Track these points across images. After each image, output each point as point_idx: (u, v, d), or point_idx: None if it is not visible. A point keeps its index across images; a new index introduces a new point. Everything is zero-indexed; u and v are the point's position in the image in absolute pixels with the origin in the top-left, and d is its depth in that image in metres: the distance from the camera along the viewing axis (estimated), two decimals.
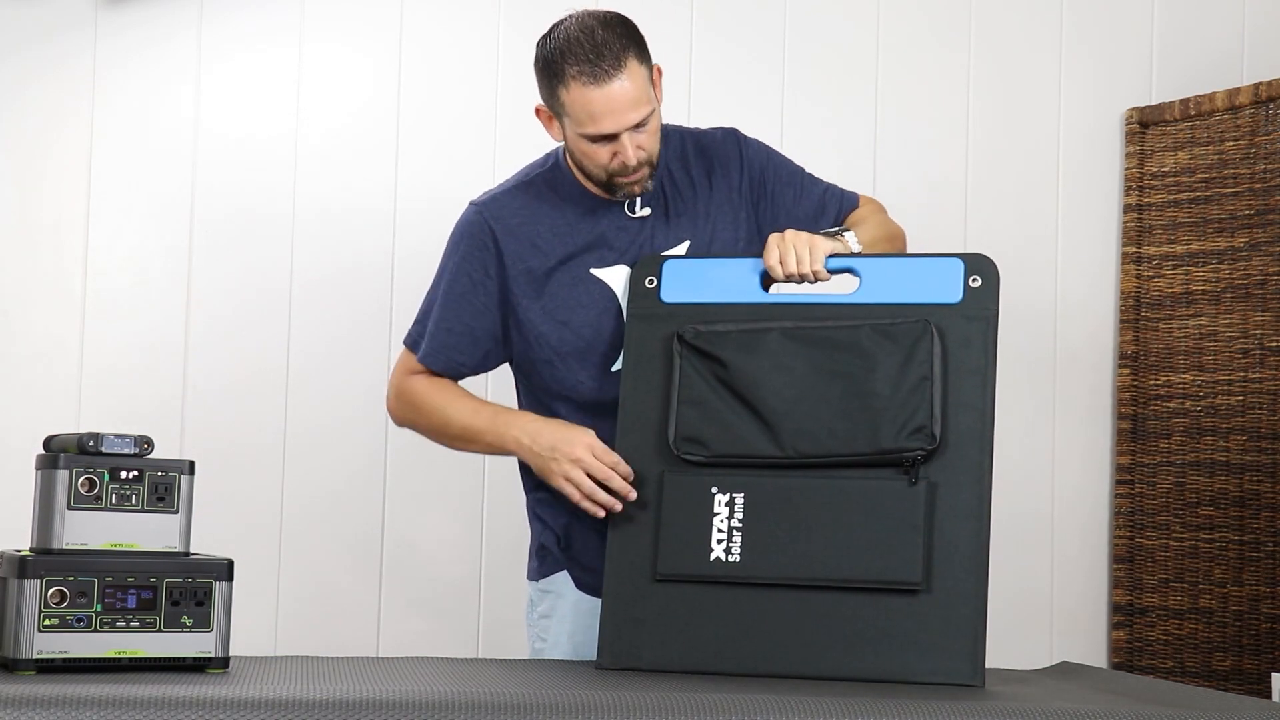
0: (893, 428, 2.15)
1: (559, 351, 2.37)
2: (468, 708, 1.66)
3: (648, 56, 2.29)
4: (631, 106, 2.25)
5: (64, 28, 3.16)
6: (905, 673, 2.07)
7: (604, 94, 2.23)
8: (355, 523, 3.23)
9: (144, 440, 1.94)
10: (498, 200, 2.41)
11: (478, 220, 2.40)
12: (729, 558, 2.17)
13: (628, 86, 2.24)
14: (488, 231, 2.38)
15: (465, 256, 2.39)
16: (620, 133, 2.26)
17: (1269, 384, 3.28)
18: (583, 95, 2.23)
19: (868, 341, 2.20)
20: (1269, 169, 3.31)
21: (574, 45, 2.23)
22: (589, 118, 2.25)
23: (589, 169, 2.34)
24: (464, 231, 2.41)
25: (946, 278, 2.25)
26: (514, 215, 2.38)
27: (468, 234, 2.40)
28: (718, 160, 2.46)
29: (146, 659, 1.86)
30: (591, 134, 2.27)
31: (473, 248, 2.38)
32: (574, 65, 2.23)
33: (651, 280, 2.33)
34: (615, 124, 2.25)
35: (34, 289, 3.14)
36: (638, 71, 2.25)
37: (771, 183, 2.48)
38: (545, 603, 2.46)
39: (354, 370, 3.23)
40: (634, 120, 2.26)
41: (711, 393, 2.24)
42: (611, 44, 2.23)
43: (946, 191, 3.50)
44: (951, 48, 3.51)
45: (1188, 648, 3.37)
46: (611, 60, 2.22)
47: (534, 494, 2.47)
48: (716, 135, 2.49)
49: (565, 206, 2.39)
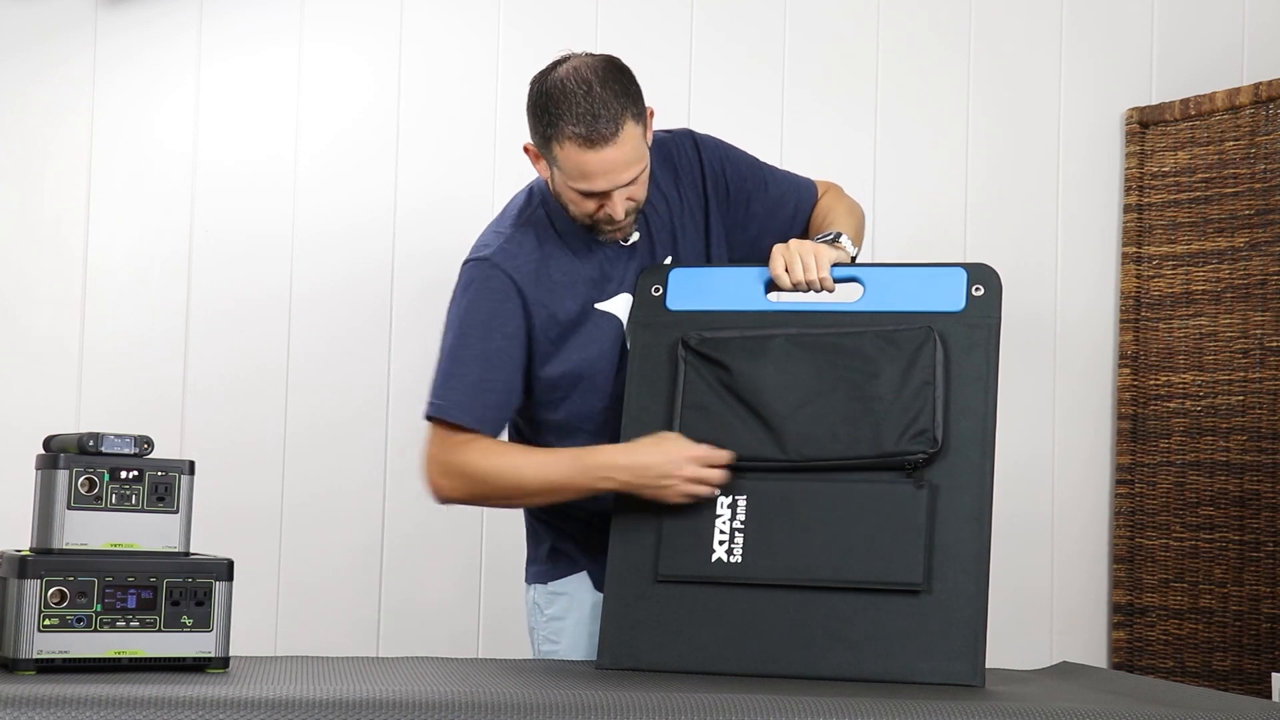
0: (895, 431, 2.16)
1: (576, 384, 2.36)
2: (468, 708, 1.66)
3: (642, 108, 2.26)
4: (624, 169, 2.23)
5: (64, 28, 3.16)
6: (906, 673, 2.07)
7: (599, 158, 2.20)
8: (355, 523, 3.23)
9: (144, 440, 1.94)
10: (506, 250, 2.33)
11: (496, 275, 2.31)
12: (730, 559, 2.17)
13: (624, 149, 2.21)
14: (510, 284, 2.31)
15: (492, 314, 2.30)
16: (610, 190, 2.25)
17: (1269, 384, 3.28)
18: (577, 156, 2.21)
19: (870, 347, 2.21)
20: (1269, 169, 3.31)
21: (571, 102, 2.19)
22: (581, 176, 2.23)
23: (574, 214, 2.32)
24: (482, 288, 2.31)
25: (949, 286, 2.26)
26: (528, 262, 2.33)
27: (486, 290, 2.31)
28: (680, 167, 2.45)
29: (146, 659, 1.86)
30: (583, 190, 2.25)
31: (497, 303, 2.30)
32: (570, 124, 2.19)
33: (657, 288, 2.34)
34: (608, 184, 2.24)
35: (34, 288, 3.14)
36: (633, 132, 2.22)
37: (733, 181, 2.48)
38: (557, 605, 2.45)
39: (354, 370, 3.23)
40: (626, 180, 2.24)
41: (715, 398, 2.24)
42: (609, 105, 2.19)
43: (946, 191, 3.50)
44: (951, 48, 3.51)
45: (1188, 648, 3.37)
46: (608, 123, 2.19)
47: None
48: (674, 139, 2.47)
49: (566, 243, 2.36)
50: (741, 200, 2.49)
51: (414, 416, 3.21)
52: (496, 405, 2.31)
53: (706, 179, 2.46)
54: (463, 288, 2.34)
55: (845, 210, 2.52)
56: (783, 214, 2.51)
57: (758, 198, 2.50)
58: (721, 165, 2.48)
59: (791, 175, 2.57)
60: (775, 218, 2.50)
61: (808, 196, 2.55)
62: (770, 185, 2.52)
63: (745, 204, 2.50)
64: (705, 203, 2.46)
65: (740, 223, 2.49)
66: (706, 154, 2.47)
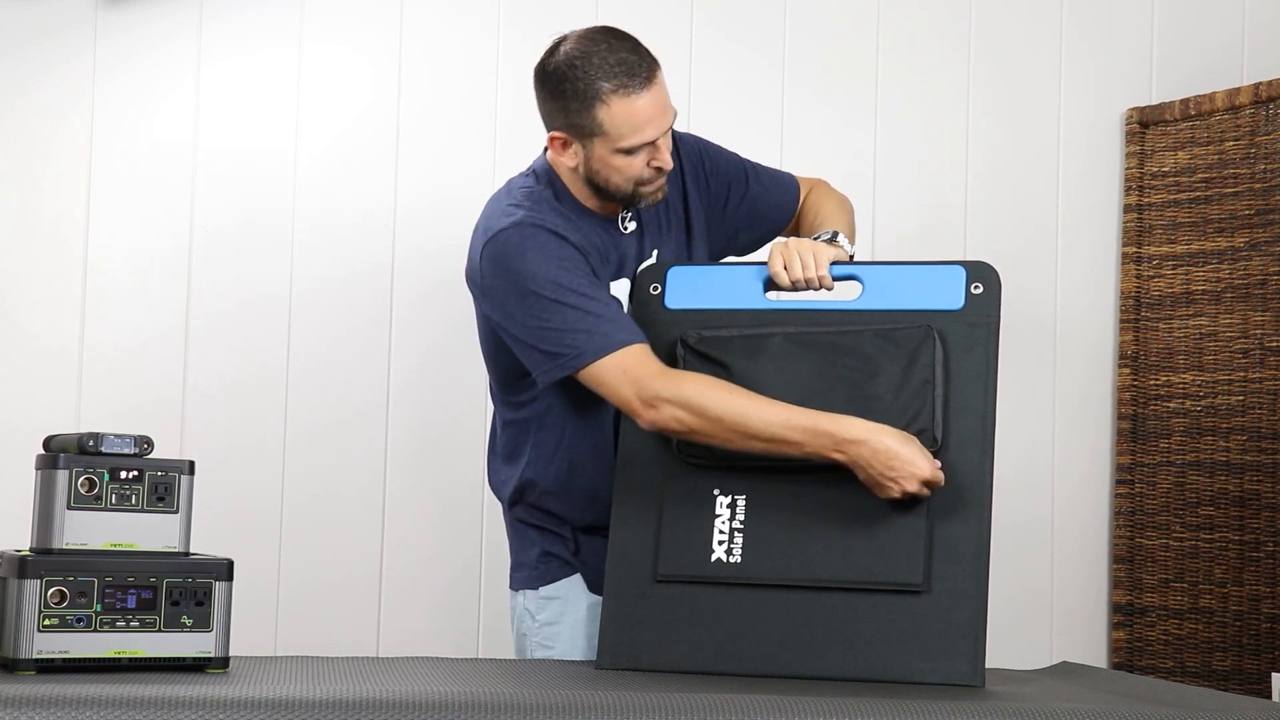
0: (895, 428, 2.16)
1: None
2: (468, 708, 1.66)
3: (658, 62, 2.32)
4: (666, 108, 2.29)
5: (64, 28, 3.16)
6: (905, 673, 2.08)
7: (646, 102, 2.25)
8: (355, 523, 3.23)
9: (144, 440, 1.94)
10: (534, 213, 2.30)
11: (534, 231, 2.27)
12: (730, 559, 2.17)
13: (660, 90, 2.28)
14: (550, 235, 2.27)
15: (559, 256, 2.25)
16: (658, 138, 2.28)
17: (1269, 384, 3.28)
18: (627, 108, 2.24)
19: (870, 346, 2.21)
20: (1269, 169, 3.31)
21: (601, 63, 2.23)
22: (633, 129, 2.26)
23: (616, 184, 2.31)
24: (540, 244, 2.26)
25: (948, 284, 2.26)
26: (554, 224, 2.30)
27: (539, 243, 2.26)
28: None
29: (146, 659, 1.86)
30: (633, 145, 2.27)
31: (557, 244, 2.26)
32: (610, 81, 2.23)
33: (656, 287, 2.34)
34: (657, 129, 2.28)
35: (34, 288, 3.13)
36: (661, 77, 2.29)
37: (712, 175, 2.51)
38: (550, 610, 2.43)
39: (354, 370, 3.23)
40: (669, 123, 2.30)
41: None
42: (634, 51, 2.26)
43: (946, 191, 3.49)
44: (951, 47, 3.51)
45: (1188, 648, 3.37)
46: (644, 69, 2.26)
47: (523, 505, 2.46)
48: None
49: (578, 222, 2.36)
50: (721, 193, 2.51)
51: (414, 416, 3.23)
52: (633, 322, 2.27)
53: (685, 173, 2.48)
54: (518, 253, 2.26)
55: (836, 205, 2.53)
56: (763, 207, 2.53)
57: (737, 191, 2.52)
58: (700, 159, 2.50)
59: (773, 170, 2.59)
60: (756, 211, 2.53)
61: (790, 191, 2.57)
62: (751, 180, 2.54)
63: (724, 197, 2.51)
64: (684, 196, 2.48)
65: (720, 216, 2.51)
66: (684, 149, 2.49)
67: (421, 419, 3.25)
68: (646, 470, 2.25)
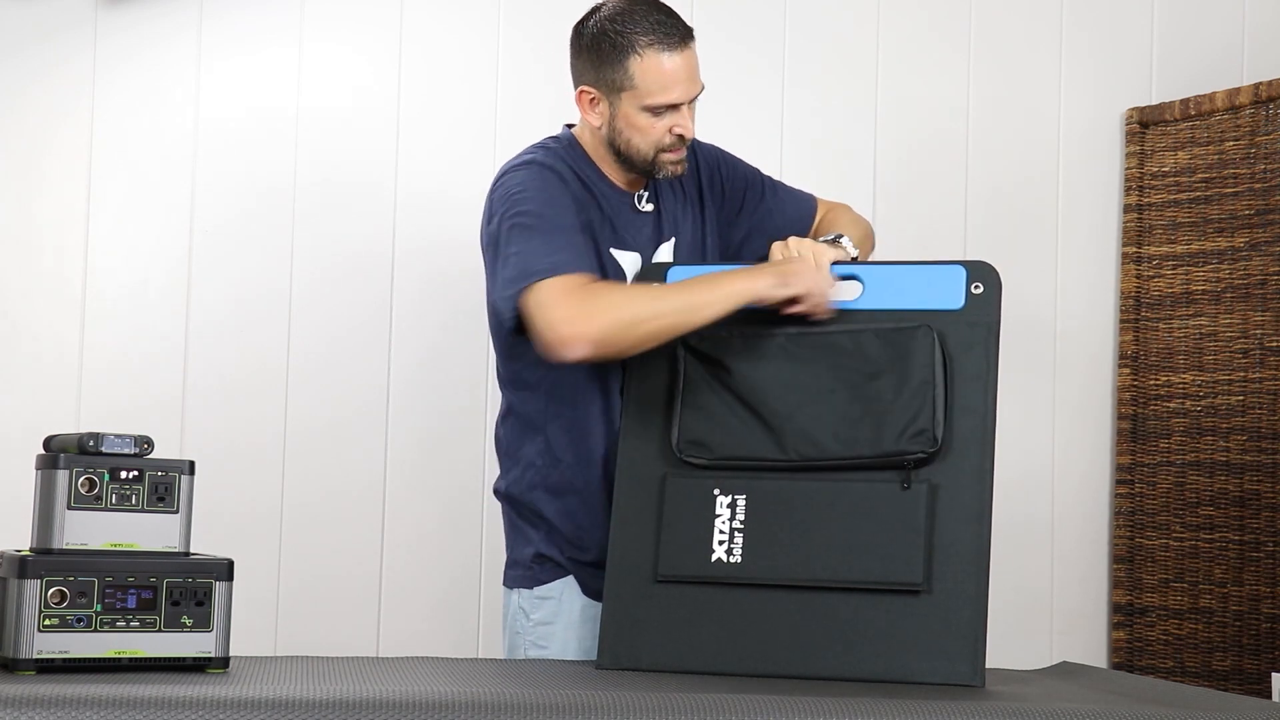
0: (894, 431, 2.16)
1: None
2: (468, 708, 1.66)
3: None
4: (697, 75, 2.34)
5: (64, 28, 3.16)
6: (905, 673, 2.07)
7: (679, 60, 2.31)
8: (355, 522, 3.23)
9: (144, 440, 1.94)
10: (547, 161, 2.37)
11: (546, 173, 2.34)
12: (730, 559, 2.17)
13: (692, 58, 2.34)
14: (559, 179, 2.35)
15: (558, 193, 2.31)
16: (683, 103, 2.33)
17: (1269, 384, 3.28)
18: (658, 62, 2.30)
19: (870, 347, 2.21)
20: (1269, 169, 3.31)
21: (640, 17, 2.31)
22: (661, 87, 2.31)
23: (639, 146, 2.36)
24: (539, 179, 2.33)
25: (949, 284, 2.26)
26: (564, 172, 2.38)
27: (544, 180, 2.33)
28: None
29: (146, 659, 1.86)
30: (659, 103, 2.32)
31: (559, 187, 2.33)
32: (646, 34, 2.29)
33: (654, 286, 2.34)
34: (685, 92, 2.33)
35: (34, 289, 3.13)
36: (694, 48, 2.34)
37: (728, 181, 2.54)
38: (544, 610, 2.43)
39: (354, 370, 3.23)
40: (696, 91, 2.35)
41: (714, 396, 2.24)
42: (674, 16, 2.34)
43: (946, 191, 3.49)
44: (951, 47, 3.51)
45: (1188, 648, 3.37)
46: (681, 30, 2.33)
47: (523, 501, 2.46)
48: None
49: (590, 184, 2.42)
50: (735, 201, 2.54)
51: (414, 416, 3.23)
52: (594, 268, 2.30)
53: (702, 176, 2.52)
54: (519, 185, 2.32)
55: (850, 220, 2.57)
56: (778, 221, 2.56)
57: (752, 201, 2.55)
58: (717, 165, 2.55)
59: (792, 188, 2.63)
60: (771, 224, 2.56)
61: (807, 208, 2.61)
62: (768, 193, 2.58)
63: (739, 205, 2.55)
64: (700, 198, 2.51)
65: (732, 223, 2.54)
66: (703, 155, 2.54)
67: (421, 419, 3.25)
68: (646, 470, 2.25)
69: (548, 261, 2.22)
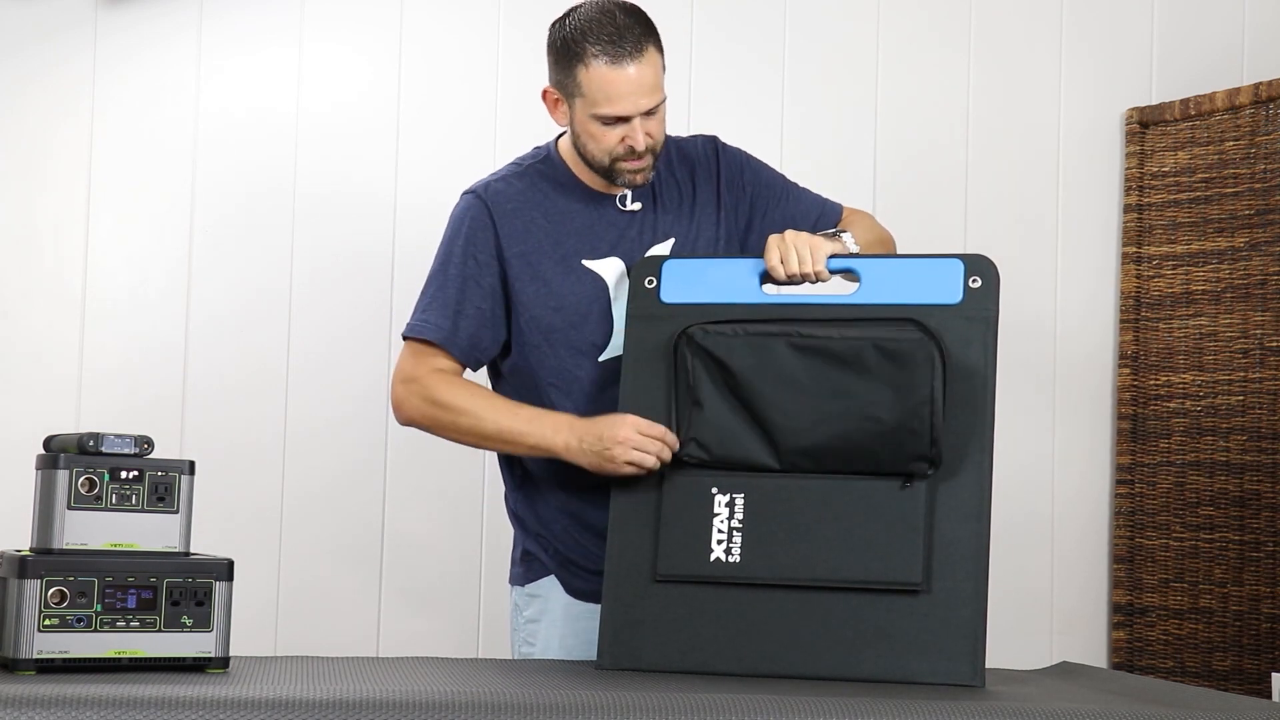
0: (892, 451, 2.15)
1: (549, 337, 2.38)
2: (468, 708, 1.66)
3: (662, 49, 2.34)
4: (647, 91, 2.30)
5: (64, 28, 3.16)
6: (905, 673, 2.07)
7: (623, 75, 2.28)
8: (355, 522, 3.23)
9: (144, 440, 1.94)
10: (492, 186, 2.42)
11: (475, 204, 2.41)
12: (729, 558, 2.16)
13: (646, 71, 2.29)
14: (485, 213, 2.39)
15: (468, 240, 2.39)
16: (633, 116, 2.30)
17: (1269, 384, 3.28)
18: (602, 75, 2.27)
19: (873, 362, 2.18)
20: (1269, 169, 3.31)
21: (596, 26, 2.28)
22: (605, 98, 2.29)
23: (594, 153, 2.35)
24: (462, 216, 2.42)
25: (946, 278, 2.24)
26: (509, 200, 2.40)
27: (466, 218, 2.41)
28: (698, 164, 2.50)
29: (146, 659, 1.86)
30: (605, 115, 2.30)
31: (474, 230, 2.39)
32: (596, 44, 2.27)
33: (651, 280, 2.33)
34: (631, 106, 2.29)
35: (34, 289, 3.14)
36: (654, 59, 2.31)
37: (750, 186, 2.51)
38: (533, 607, 2.46)
39: (354, 369, 3.23)
40: (647, 105, 2.30)
41: (715, 396, 2.23)
42: (633, 28, 2.28)
43: (946, 191, 3.50)
44: (951, 48, 3.51)
45: (1188, 648, 3.37)
46: (633, 43, 2.27)
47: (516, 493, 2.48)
48: (697, 141, 2.53)
49: (558, 197, 2.42)
50: (759, 205, 2.51)
51: None
52: (469, 330, 2.38)
53: (722, 179, 2.49)
54: (450, 222, 2.44)
55: (866, 226, 2.53)
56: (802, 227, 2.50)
57: (777, 207, 2.52)
58: (740, 169, 2.52)
59: (818, 195, 2.59)
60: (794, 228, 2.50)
61: (831, 214, 2.56)
62: (791, 198, 2.55)
63: (763, 210, 2.52)
64: (718, 199, 2.48)
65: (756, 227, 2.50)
66: (725, 157, 2.51)
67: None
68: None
69: (417, 319, 2.40)
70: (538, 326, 2.38)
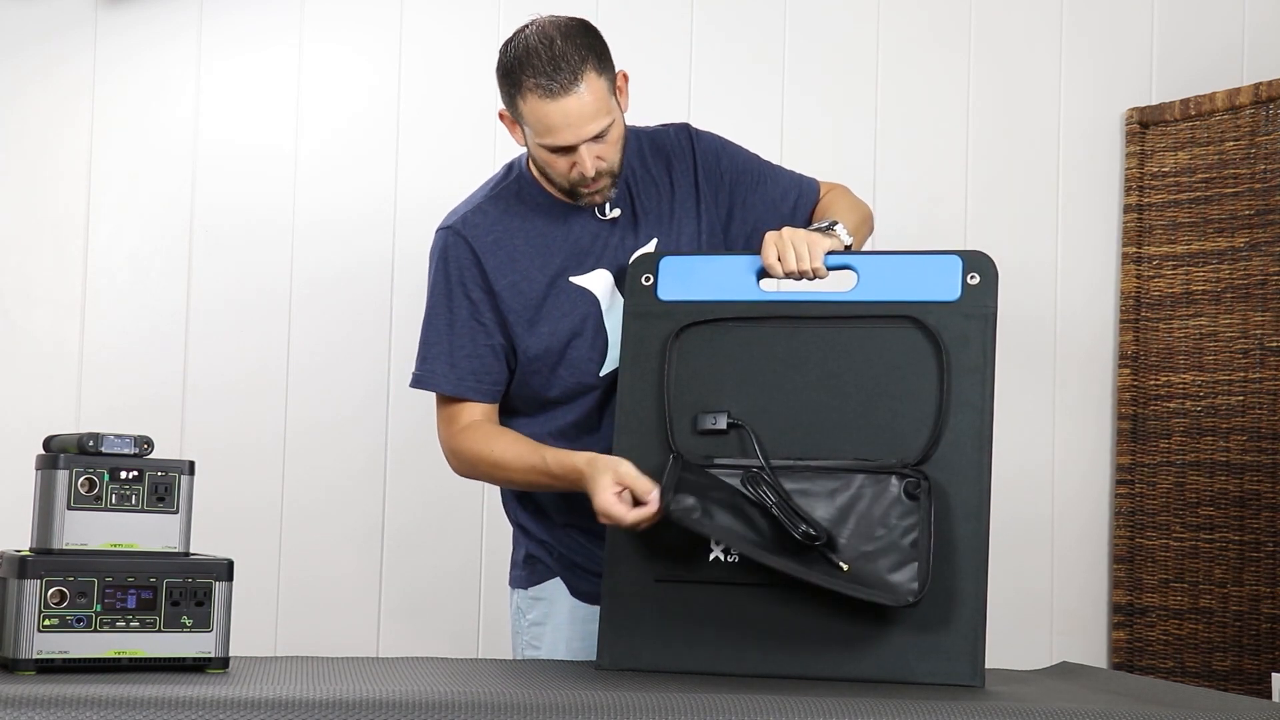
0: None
1: (547, 361, 2.36)
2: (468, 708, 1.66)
3: (609, 65, 2.26)
4: (588, 120, 2.22)
5: (64, 28, 3.16)
6: (905, 673, 2.07)
7: (559, 108, 2.21)
8: (355, 522, 3.23)
9: (144, 440, 1.94)
10: (468, 219, 2.37)
11: (455, 240, 2.36)
12: (729, 559, 2.16)
13: (585, 100, 2.21)
14: (468, 250, 2.34)
15: (458, 280, 2.35)
16: (578, 145, 2.24)
17: (1269, 384, 3.28)
18: (539, 108, 2.21)
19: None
20: (1269, 169, 3.31)
21: (532, 56, 2.21)
22: (545, 130, 2.23)
23: (551, 176, 2.32)
24: (444, 254, 2.36)
25: (944, 275, 2.24)
26: (488, 232, 2.36)
27: (449, 256, 2.36)
28: (674, 156, 2.45)
29: (146, 659, 1.86)
30: (549, 145, 2.25)
31: (461, 269, 2.35)
32: (530, 77, 2.20)
33: (648, 278, 2.32)
34: (572, 137, 2.23)
35: (34, 288, 3.14)
36: (596, 84, 2.22)
37: (728, 172, 2.47)
38: (537, 610, 2.45)
39: (354, 369, 3.23)
40: (591, 133, 2.23)
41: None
42: (569, 56, 2.20)
43: (946, 191, 3.50)
44: (951, 48, 3.51)
45: (1188, 648, 3.37)
46: (568, 73, 2.19)
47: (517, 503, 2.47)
48: (669, 132, 2.48)
49: (535, 217, 2.37)
50: (739, 191, 2.47)
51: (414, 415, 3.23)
52: (474, 372, 2.35)
53: (699, 167, 2.45)
54: (431, 257, 2.40)
55: (848, 206, 2.50)
56: (782, 209, 2.49)
57: (755, 190, 2.48)
58: (716, 156, 2.47)
59: (793, 173, 2.56)
60: (775, 212, 2.49)
61: (809, 193, 2.53)
62: (769, 180, 2.51)
63: (742, 196, 2.48)
64: (697, 190, 2.45)
65: (736, 214, 2.48)
66: (700, 144, 2.47)
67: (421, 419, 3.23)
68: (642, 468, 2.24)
69: (423, 370, 2.38)
70: (535, 353, 2.36)
